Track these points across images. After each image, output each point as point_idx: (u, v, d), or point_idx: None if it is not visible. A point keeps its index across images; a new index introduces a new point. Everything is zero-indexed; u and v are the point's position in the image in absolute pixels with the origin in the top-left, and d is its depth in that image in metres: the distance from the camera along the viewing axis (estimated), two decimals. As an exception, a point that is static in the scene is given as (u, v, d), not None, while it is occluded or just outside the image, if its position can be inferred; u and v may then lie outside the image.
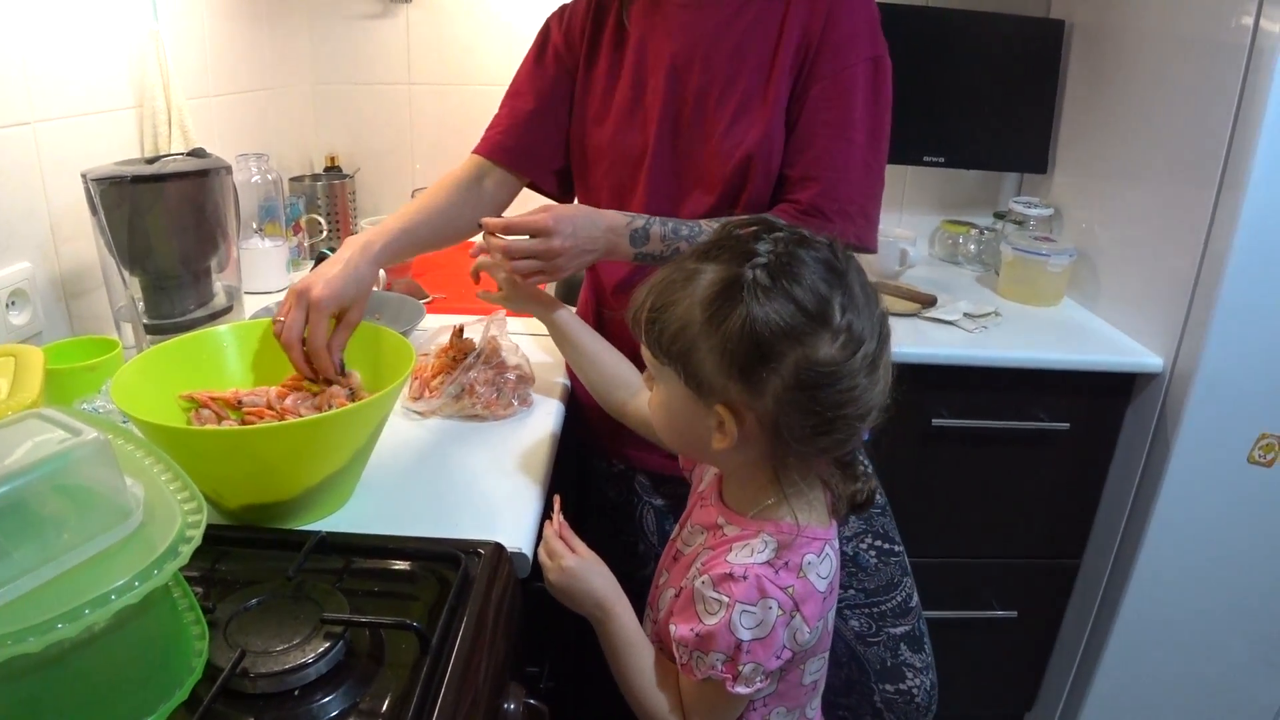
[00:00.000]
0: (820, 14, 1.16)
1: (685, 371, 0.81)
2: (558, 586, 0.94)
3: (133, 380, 0.95)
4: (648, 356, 0.86)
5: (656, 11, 1.23)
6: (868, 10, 1.19)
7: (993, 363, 1.67)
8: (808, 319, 0.75)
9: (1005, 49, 2.08)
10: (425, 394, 1.26)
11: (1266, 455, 1.64)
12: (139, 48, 1.47)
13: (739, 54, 1.19)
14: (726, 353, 0.77)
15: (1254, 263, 1.50)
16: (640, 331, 0.85)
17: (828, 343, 0.76)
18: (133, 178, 1.22)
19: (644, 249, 1.15)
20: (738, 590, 0.80)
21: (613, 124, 1.27)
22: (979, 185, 2.33)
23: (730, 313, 0.76)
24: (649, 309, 0.83)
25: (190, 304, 1.33)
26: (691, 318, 0.79)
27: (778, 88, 1.17)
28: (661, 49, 1.22)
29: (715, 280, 0.78)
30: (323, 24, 2.17)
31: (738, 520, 0.88)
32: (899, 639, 1.30)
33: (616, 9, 1.27)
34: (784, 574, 0.82)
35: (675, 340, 0.80)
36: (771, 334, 0.75)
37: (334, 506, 1.00)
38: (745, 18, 1.19)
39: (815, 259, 0.78)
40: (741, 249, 0.79)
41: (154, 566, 0.60)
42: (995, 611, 1.91)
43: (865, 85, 1.17)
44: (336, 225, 2.06)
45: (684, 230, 1.16)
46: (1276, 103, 1.42)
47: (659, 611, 0.95)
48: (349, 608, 0.79)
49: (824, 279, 0.77)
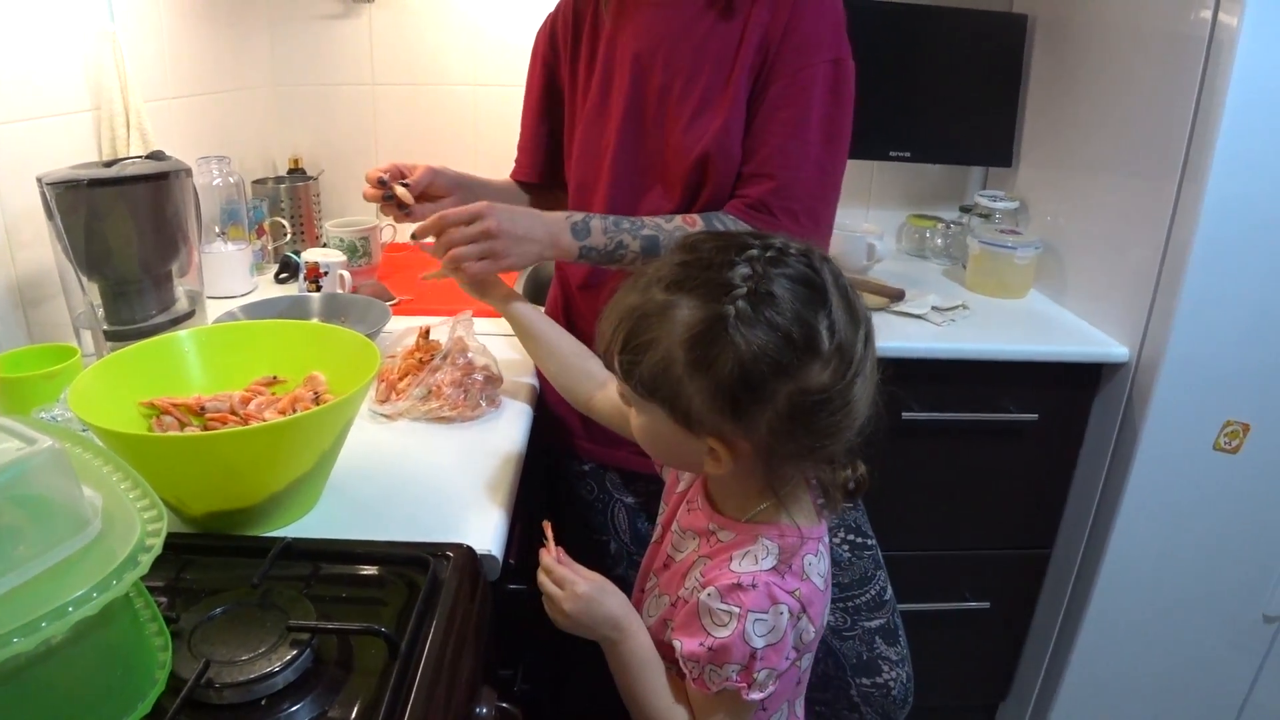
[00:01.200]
0: (783, 14, 1.16)
1: (671, 407, 0.79)
2: (573, 615, 0.89)
3: (91, 388, 0.93)
4: (625, 389, 0.84)
5: (624, 9, 1.23)
6: (832, 12, 1.18)
7: (961, 355, 1.68)
8: (797, 351, 0.74)
9: (969, 44, 2.09)
10: (392, 396, 1.25)
11: (1232, 442, 1.66)
12: (95, 50, 1.44)
13: (701, 52, 1.19)
14: (717, 392, 0.75)
15: (1216, 253, 1.52)
16: (614, 366, 0.83)
17: (818, 371, 0.75)
18: (90, 181, 1.19)
19: (587, 242, 1.16)
20: (749, 600, 0.79)
21: (583, 121, 1.27)
22: (945, 179, 2.35)
23: (717, 355, 0.74)
24: (622, 345, 0.80)
25: (151, 309, 1.31)
26: (673, 358, 0.76)
27: (737, 86, 1.17)
28: (627, 46, 1.22)
29: (695, 320, 0.75)
30: (284, 24, 2.14)
31: (732, 525, 0.87)
32: (874, 632, 1.30)
33: (593, 8, 1.27)
34: (790, 578, 0.82)
35: (657, 379, 0.78)
36: (762, 372, 0.73)
37: (300, 512, 0.98)
38: (709, 16, 1.19)
39: (793, 280, 0.76)
40: (716, 280, 0.76)
41: (113, 577, 0.58)
42: (969, 603, 1.92)
43: (824, 86, 1.17)
44: (301, 228, 2.04)
45: (625, 224, 1.17)
46: (1236, 95, 1.43)
47: (649, 618, 0.94)
48: (316, 614, 0.78)
49: (806, 301, 0.75)
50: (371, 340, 1.05)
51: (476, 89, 2.19)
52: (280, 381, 1.08)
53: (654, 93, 1.21)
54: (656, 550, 1.00)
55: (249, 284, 1.78)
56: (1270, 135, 1.46)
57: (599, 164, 1.26)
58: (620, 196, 1.25)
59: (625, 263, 1.18)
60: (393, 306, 1.64)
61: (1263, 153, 1.47)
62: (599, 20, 1.27)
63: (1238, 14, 1.41)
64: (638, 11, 1.22)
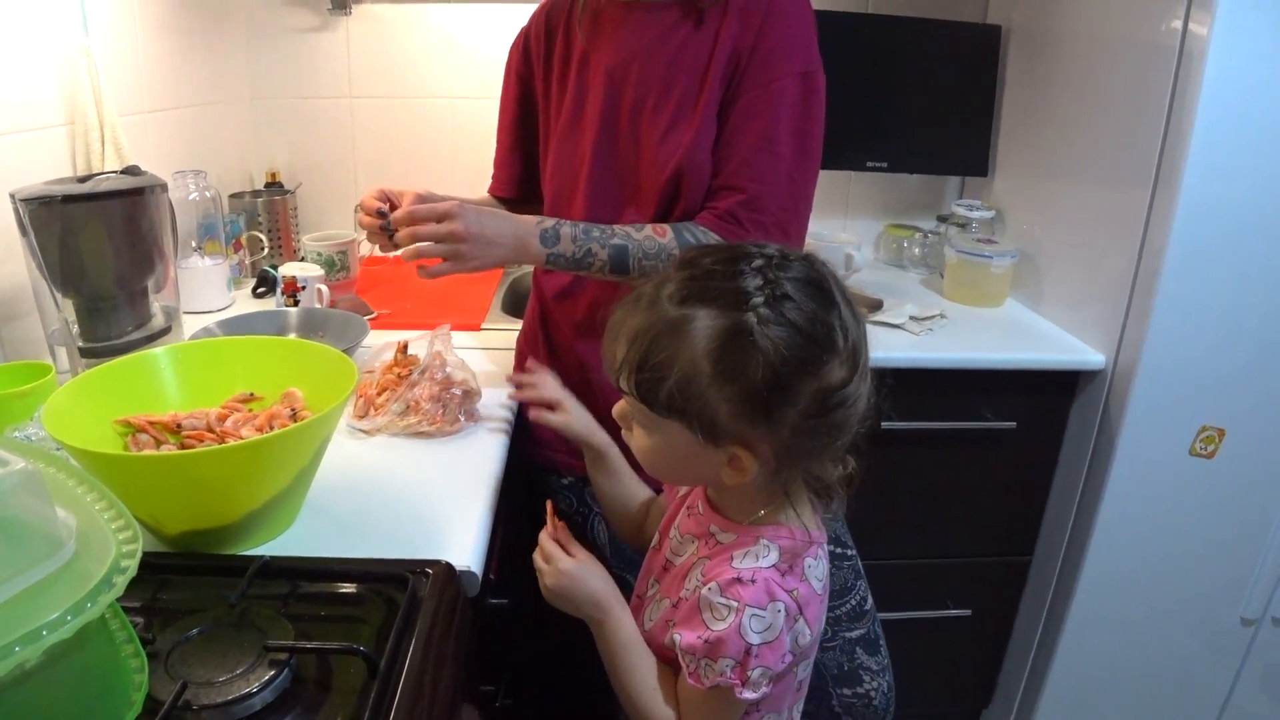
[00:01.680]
0: (753, 27, 1.17)
1: (694, 421, 0.79)
2: (554, 590, 0.93)
3: (66, 406, 0.92)
4: (638, 410, 0.84)
5: (598, 24, 1.24)
6: (802, 26, 1.19)
7: (940, 364, 1.69)
8: (819, 349, 0.77)
9: (945, 54, 2.11)
10: (370, 412, 1.24)
11: (1207, 447, 1.67)
12: (69, 63, 1.43)
13: (674, 66, 1.19)
14: (746, 399, 0.77)
15: (1189, 260, 1.53)
16: (626, 385, 0.83)
17: (837, 368, 0.78)
18: (64, 197, 1.18)
19: (555, 249, 1.17)
20: (747, 594, 0.80)
21: (557, 136, 1.28)
22: (922, 189, 2.37)
23: (746, 362, 0.76)
24: (638, 365, 0.80)
25: (127, 326, 1.30)
26: (697, 370, 0.77)
27: (709, 99, 1.18)
28: (600, 61, 1.23)
29: (717, 330, 0.77)
30: (261, 38, 2.14)
31: (733, 527, 0.88)
32: (855, 643, 1.30)
33: (565, 22, 1.27)
34: (789, 578, 0.83)
35: (678, 394, 0.78)
36: (790, 373, 0.76)
37: (278, 530, 0.98)
38: (682, 30, 1.19)
39: (802, 283, 0.79)
40: (730, 288, 0.78)
41: (87, 599, 0.58)
42: (950, 610, 1.93)
43: (794, 99, 1.17)
44: (278, 242, 2.03)
45: (595, 232, 1.18)
46: (1207, 103, 1.45)
47: (647, 622, 0.94)
48: (294, 634, 0.77)
49: (818, 302, 0.78)
50: (349, 355, 1.05)
51: (454, 101, 2.19)
52: (257, 398, 1.08)
53: (627, 107, 1.21)
54: (655, 556, 1.00)
55: (226, 299, 1.77)
56: (1241, 143, 1.48)
57: (574, 179, 1.26)
58: (596, 212, 1.25)
59: (593, 270, 1.19)
60: (371, 321, 1.64)
61: (1234, 160, 1.49)
62: (571, 35, 1.27)
63: (1208, 24, 1.43)
64: (610, 26, 1.23)
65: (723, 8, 1.18)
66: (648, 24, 1.20)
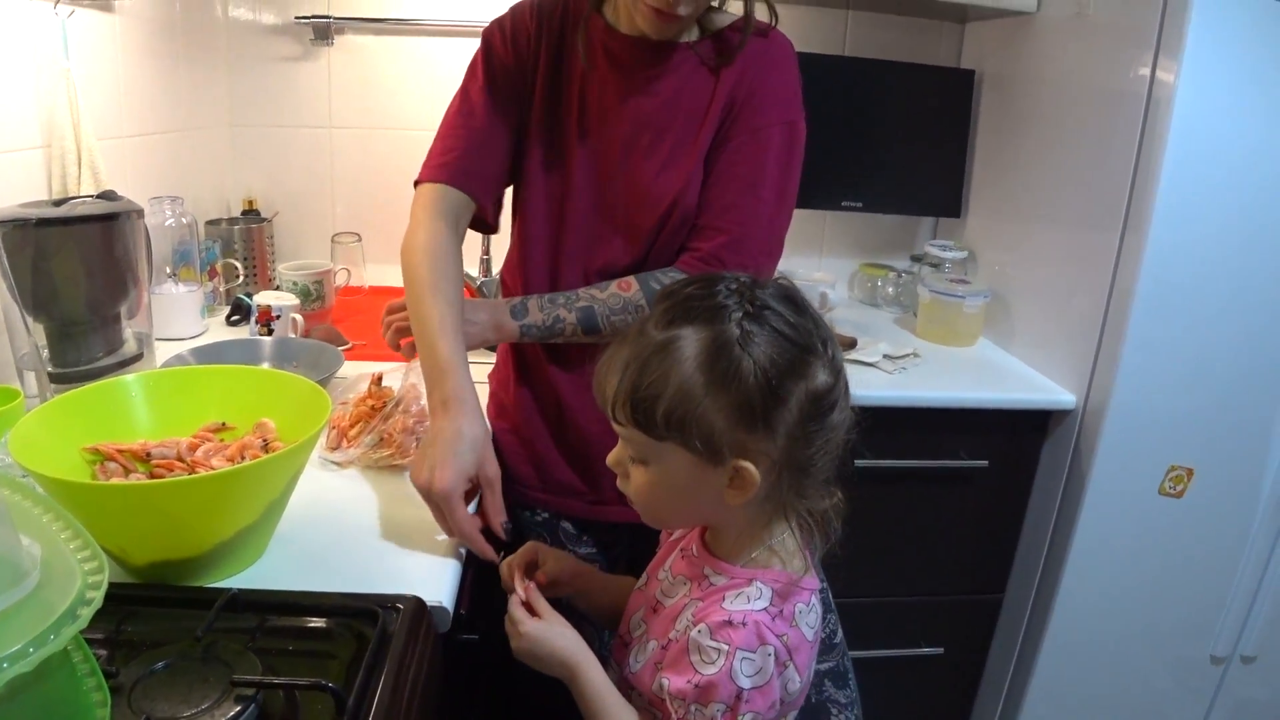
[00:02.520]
0: (750, 74, 1.20)
1: (689, 438, 0.79)
2: (521, 652, 0.93)
3: (33, 432, 0.91)
4: (636, 439, 0.83)
5: (597, 52, 1.22)
6: (791, 76, 1.23)
7: (913, 403, 1.70)
8: (802, 351, 0.79)
9: (919, 98, 2.14)
10: (343, 443, 1.24)
11: (1176, 486, 1.69)
12: (49, 86, 1.43)
13: (673, 106, 1.21)
14: (741, 406, 0.78)
15: (1158, 301, 1.56)
16: (621, 416, 0.83)
17: (821, 369, 0.80)
18: (38, 220, 1.18)
19: (525, 320, 1.21)
20: (737, 637, 0.80)
21: (539, 158, 1.26)
22: (896, 229, 2.39)
23: (737, 367, 0.77)
24: (631, 390, 0.81)
25: (98, 351, 1.29)
26: (691, 383, 0.78)
27: (703, 141, 1.20)
28: (594, 87, 1.22)
29: (704, 342, 0.79)
30: (241, 66, 2.14)
31: (726, 569, 0.87)
32: (823, 675, 1.30)
33: (558, 33, 1.24)
34: (779, 622, 0.82)
35: (674, 411, 0.79)
36: (780, 375, 0.77)
37: (247, 562, 0.96)
38: (682, 71, 1.21)
39: (777, 296, 0.81)
40: (709, 305, 0.80)
41: (50, 631, 0.56)
42: (922, 649, 1.93)
43: (780, 146, 1.20)
44: (254, 270, 2.02)
45: (560, 299, 1.22)
46: (1174, 148, 1.48)
47: (634, 664, 0.93)
48: (261, 668, 0.76)
49: (795, 312, 0.81)
50: (323, 386, 1.04)
51: (433, 133, 2.18)
52: (229, 428, 1.07)
53: (619, 142, 1.21)
54: (639, 596, 0.99)
55: (199, 326, 1.75)
56: (1208, 186, 1.52)
57: (560, 206, 1.25)
58: (579, 242, 1.25)
59: (566, 335, 1.22)
60: (345, 351, 1.63)
61: (1201, 203, 1.52)
62: (566, 50, 1.24)
63: (1174, 71, 1.47)
64: (611, 55, 1.22)
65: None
66: (653, 61, 1.21)
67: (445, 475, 0.99)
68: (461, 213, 1.24)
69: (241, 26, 2.12)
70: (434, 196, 1.23)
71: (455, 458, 1.00)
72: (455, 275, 1.18)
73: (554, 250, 1.27)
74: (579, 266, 1.26)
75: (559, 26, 1.24)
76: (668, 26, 1.14)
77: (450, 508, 0.99)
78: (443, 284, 1.14)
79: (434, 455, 1.01)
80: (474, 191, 1.24)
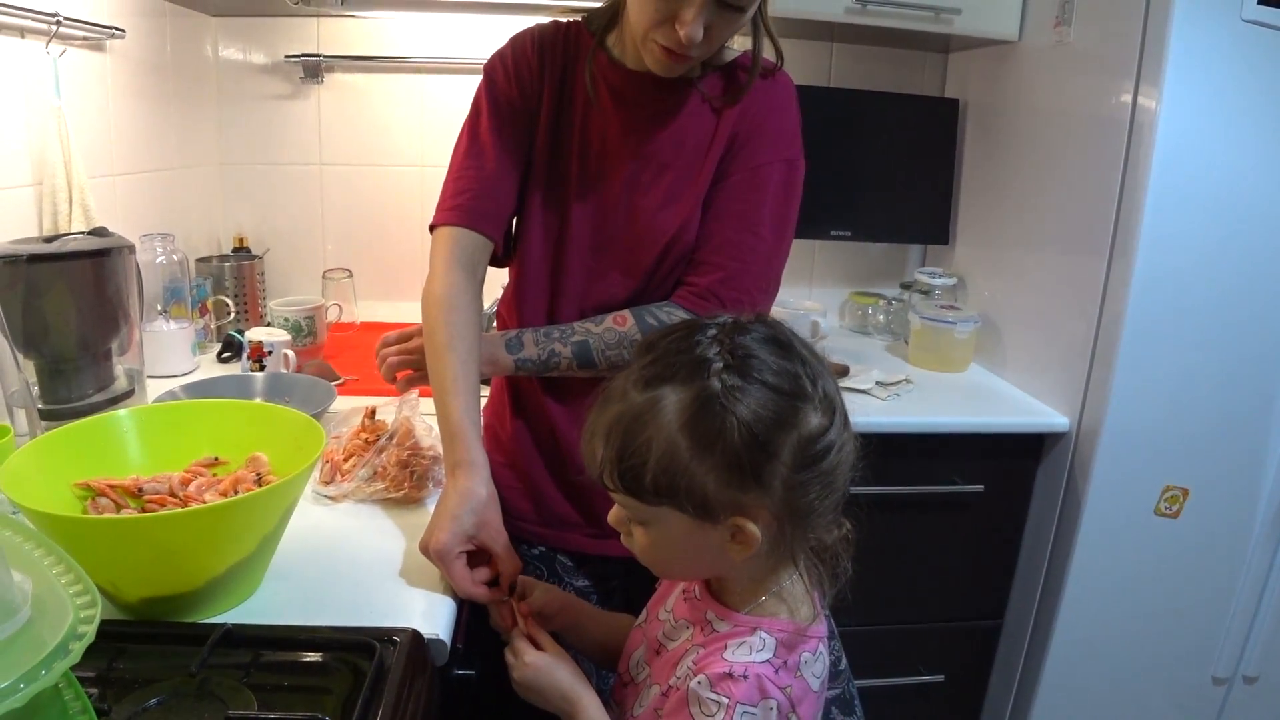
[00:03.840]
0: (751, 114, 1.21)
1: (685, 503, 0.77)
2: (521, 684, 0.92)
3: (24, 468, 0.90)
4: (629, 504, 0.82)
5: (601, 87, 1.23)
6: (793, 118, 1.25)
7: (906, 429, 1.71)
8: (789, 399, 0.76)
9: (905, 127, 2.17)
10: (337, 477, 1.23)
11: (1172, 506, 1.69)
12: (40, 124, 1.43)
13: (676, 142, 1.21)
14: (729, 466, 0.75)
15: (1147, 324, 1.57)
16: (610, 483, 0.81)
17: (812, 414, 0.76)
18: (29, 257, 1.18)
19: (520, 354, 1.21)
20: (738, 691, 0.77)
21: (539, 193, 1.25)
22: (885, 257, 2.41)
23: (721, 426, 0.74)
24: (618, 456, 0.79)
25: (88, 388, 1.28)
26: (675, 447, 0.76)
27: (703, 178, 1.21)
28: (598, 121, 1.22)
29: (685, 402, 0.76)
30: (232, 103, 2.15)
31: (731, 616, 0.85)
32: (830, 703, 1.28)
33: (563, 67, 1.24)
34: (783, 674, 0.80)
35: (662, 476, 0.77)
36: (766, 429, 0.74)
37: (241, 597, 0.95)
38: (686, 108, 1.22)
39: (761, 340, 0.78)
40: (690, 361, 0.77)
41: (41, 666, 0.55)
42: (923, 677, 1.91)
43: (778, 183, 1.21)
44: (245, 307, 2.01)
45: (555, 333, 1.22)
46: (1158, 173, 1.51)
47: (637, 708, 0.90)
48: (257, 704, 0.75)
49: (781, 356, 0.77)
50: (316, 420, 1.04)
51: (424, 170, 2.20)
52: (222, 463, 1.06)
53: (623, 175, 1.21)
54: (638, 633, 0.98)
55: (191, 363, 1.75)
56: (1191, 210, 1.54)
57: (559, 241, 1.25)
58: (577, 277, 1.25)
59: (561, 368, 1.22)
60: (338, 386, 1.62)
61: (1185, 227, 1.54)
62: (571, 82, 1.24)
63: (1156, 97, 1.49)
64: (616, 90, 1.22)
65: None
66: (658, 98, 1.21)
67: (440, 537, 1.00)
68: (478, 256, 1.22)
69: (232, 66, 2.14)
70: (450, 243, 1.21)
71: (454, 520, 1.02)
72: (471, 328, 1.17)
73: (552, 284, 1.27)
74: (576, 301, 1.26)
75: (561, 60, 1.24)
76: (676, 66, 1.13)
77: (445, 566, 1.01)
78: (457, 341, 1.14)
79: (436, 517, 1.04)
80: (489, 231, 1.22)
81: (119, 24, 1.65)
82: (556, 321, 1.26)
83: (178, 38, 1.96)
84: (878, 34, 2.15)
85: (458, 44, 2.13)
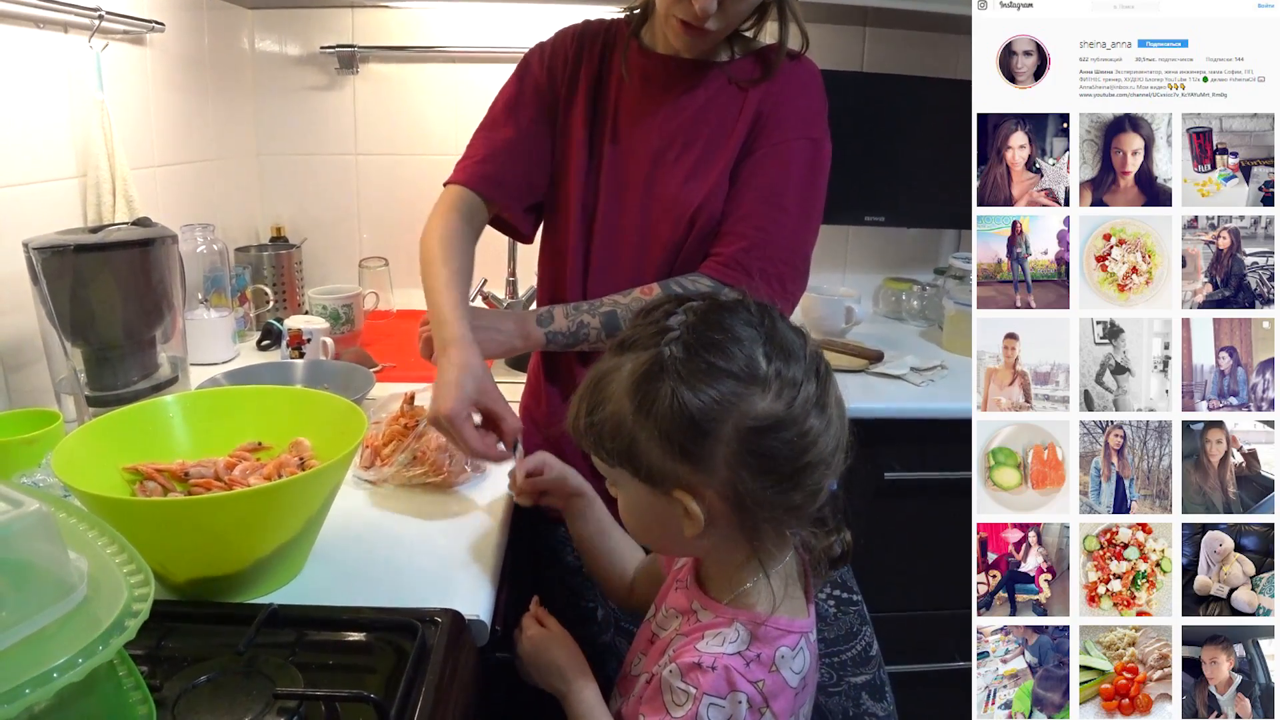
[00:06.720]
0: (775, 88, 1.24)
1: (634, 466, 0.78)
2: (523, 658, 0.94)
3: (75, 452, 0.92)
4: (598, 464, 0.83)
5: (634, 72, 1.27)
6: (817, 100, 1.27)
7: (941, 414, 1.70)
8: (734, 379, 0.74)
9: (938, 111, 2.14)
10: (377, 462, 1.24)
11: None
12: (84, 117, 1.46)
13: (701, 119, 1.25)
14: (665, 436, 0.74)
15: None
16: (584, 441, 0.82)
17: (760, 396, 0.74)
18: (76, 247, 1.20)
19: (551, 328, 1.24)
20: (705, 681, 0.77)
21: (574, 170, 1.29)
22: (919, 243, 2.39)
23: (657, 394, 0.74)
24: (585, 414, 0.80)
25: (134, 375, 1.31)
26: (623, 410, 0.76)
27: (728, 154, 1.23)
28: (628, 106, 1.27)
29: (636, 367, 0.76)
30: (269, 95, 2.18)
31: (713, 606, 0.84)
32: (860, 688, 1.29)
33: (600, 56, 1.30)
34: (755, 667, 0.78)
35: (615, 438, 0.77)
36: (702, 404, 0.73)
37: (286, 578, 0.97)
38: (711, 88, 1.25)
39: (729, 316, 0.77)
40: (655, 329, 0.78)
41: (98, 643, 0.57)
42: (957, 663, 1.91)
43: (802, 160, 1.23)
44: (283, 295, 2.04)
45: (585, 306, 1.25)
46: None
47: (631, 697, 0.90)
48: (303, 681, 0.77)
49: (742, 335, 0.76)
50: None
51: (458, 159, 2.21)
52: (265, 447, 1.08)
53: (647, 154, 1.26)
54: (646, 628, 0.98)
55: (231, 351, 1.77)
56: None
57: (590, 218, 1.29)
58: (606, 256, 1.28)
59: (590, 340, 1.24)
60: (376, 373, 1.64)
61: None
62: (607, 70, 1.29)
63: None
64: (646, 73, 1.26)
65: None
66: (684, 78, 1.25)
67: (448, 404, 1.06)
68: (476, 212, 1.30)
69: (268, 58, 2.16)
70: (451, 196, 1.30)
71: (458, 388, 1.07)
72: (465, 252, 1.24)
73: (584, 261, 1.30)
74: (609, 275, 1.29)
75: (600, 50, 1.30)
76: (698, 41, 1.18)
77: (457, 429, 1.06)
78: (451, 257, 1.21)
79: (438, 389, 1.09)
80: (489, 194, 1.30)
81: (159, 18, 1.68)
82: (590, 297, 1.29)
83: (215, 30, 1.99)
84: (910, 18, 2.13)
85: (492, 33, 2.13)
